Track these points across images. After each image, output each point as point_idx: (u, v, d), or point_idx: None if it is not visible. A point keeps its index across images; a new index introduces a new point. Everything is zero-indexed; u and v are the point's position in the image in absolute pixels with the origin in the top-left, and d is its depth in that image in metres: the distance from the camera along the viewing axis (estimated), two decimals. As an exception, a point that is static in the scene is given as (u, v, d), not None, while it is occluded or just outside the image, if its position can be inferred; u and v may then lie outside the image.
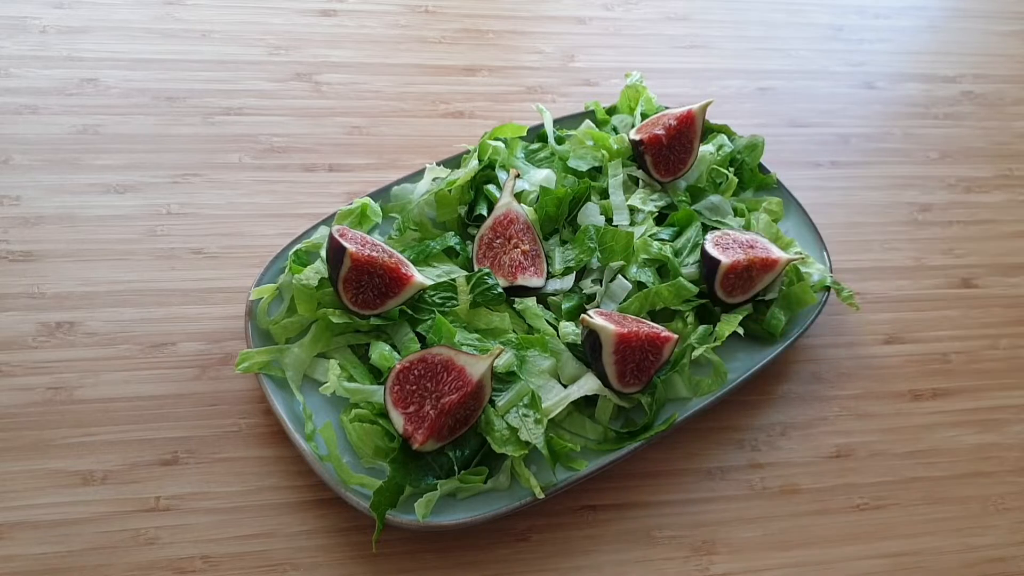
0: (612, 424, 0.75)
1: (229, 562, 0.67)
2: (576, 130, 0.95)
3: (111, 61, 1.00)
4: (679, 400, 0.78)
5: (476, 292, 0.78)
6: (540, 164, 0.92)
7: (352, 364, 0.75)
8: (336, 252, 0.75)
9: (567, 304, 0.80)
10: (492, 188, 0.86)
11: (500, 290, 0.78)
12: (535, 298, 0.79)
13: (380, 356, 0.73)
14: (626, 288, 0.81)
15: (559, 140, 0.95)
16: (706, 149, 0.94)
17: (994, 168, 1.10)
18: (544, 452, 0.69)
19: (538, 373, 0.75)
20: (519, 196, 0.86)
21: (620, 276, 0.82)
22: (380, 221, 0.85)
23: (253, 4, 1.10)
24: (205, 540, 0.68)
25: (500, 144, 0.89)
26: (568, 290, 0.81)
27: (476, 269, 0.81)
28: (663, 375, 0.77)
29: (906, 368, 0.88)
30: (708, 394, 0.78)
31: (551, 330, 0.78)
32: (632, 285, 0.82)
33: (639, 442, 0.73)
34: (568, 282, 0.81)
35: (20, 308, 0.78)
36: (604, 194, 0.89)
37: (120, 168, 0.90)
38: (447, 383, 0.69)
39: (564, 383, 0.75)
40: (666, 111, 0.94)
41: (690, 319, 0.81)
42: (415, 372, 0.71)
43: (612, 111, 1.00)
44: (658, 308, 0.81)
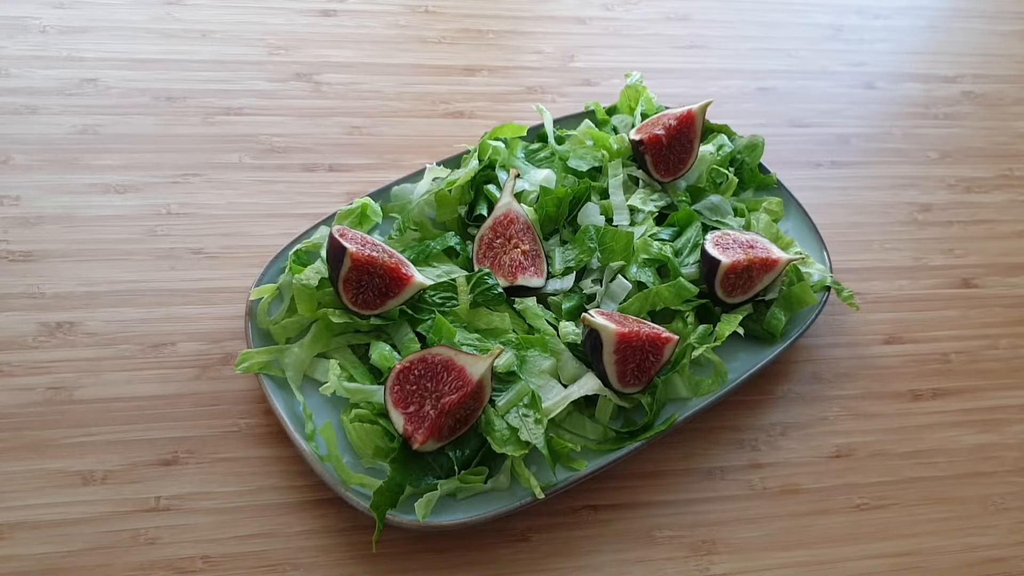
0: (612, 424, 0.75)
1: (229, 562, 0.67)
2: (576, 130, 0.95)
3: (111, 61, 1.00)
4: (679, 400, 0.78)
5: (476, 292, 0.78)
6: (540, 164, 0.92)
7: (352, 364, 0.75)
8: (336, 252, 0.75)
9: (567, 304, 0.80)
10: (492, 188, 0.86)
11: (500, 290, 0.78)
12: (535, 298, 0.80)
13: (380, 356, 0.73)
14: (626, 288, 0.81)
15: (559, 140, 0.95)
16: (706, 149, 0.94)
17: (994, 168, 1.10)
18: (544, 452, 0.69)
19: (538, 373, 0.75)
20: (519, 196, 0.86)
21: (620, 276, 0.82)
22: (380, 221, 0.85)
23: (253, 4, 1.10)
24: (205, 540, 0.68)
25: (500, 144, 0.89)
26: (568, 290, 0.81)
27: (476, 269, 0.81)
28: (663, 375, 0.77)
29: (906, 368, 0.88)
30: (708, 394, 0.78)
31: (551, 330, 0.78)
32: (632, 285, 0.82)
33: (639, 442, 0.73)
34: (568, 282, 0.81)
35: (20, 308, 0.78)
36: (604, 194, 0.89)
37: (120, 168, 0.90)
38: (447, 383, 0.69)
39: (564, 383, 0.75)
40: (666, 111, 0.94)
41: (690, 319, 0.81)
42: (415, 372, 0.71)
43: (612, 111, 1.00)
44: (658, 308, 0.81)
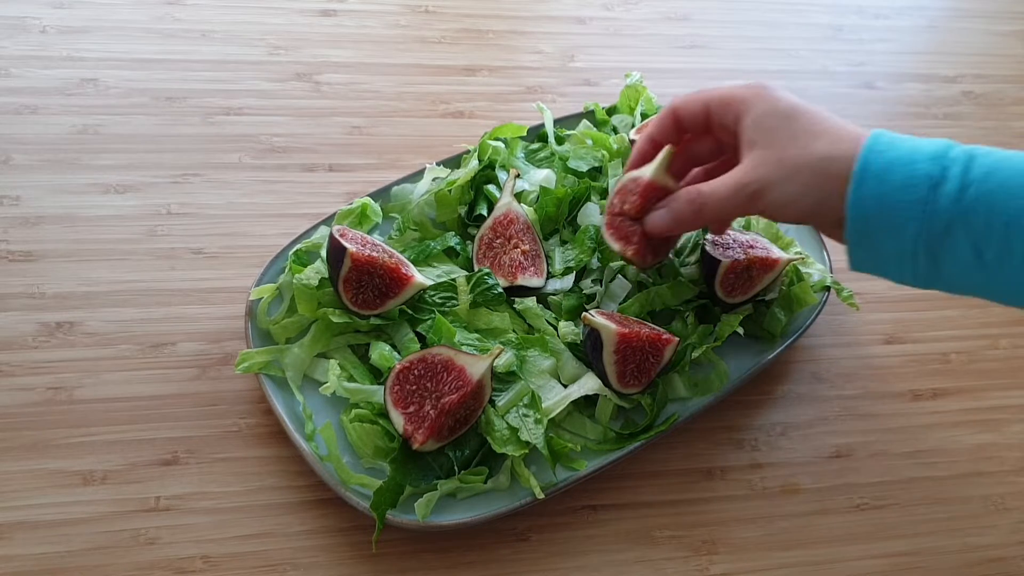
0: (612, 424, 0.75)
1: (229, 562, 0.67)
2: (575, 130, 0.95)
3: (111, 61, 1.00)
4: (679, 400, 0.78)
5: (476, 292, 0.78)
6: (540, 164, 0.92)
7: (352, 364, 0.75)
8: (336, 252, 0.75)
9: (567, 304, 0.80)
10: (492, 188, 0.86)
11: (500, 290, 0.78)
12: (535, 298, 0.80)
13: (380, 356, 0.73)
14: (626, 288, 0.82)
15: (559, 140, 0.95)
16: (706, 149, 0.94)
17: (994, 168, 1.09)
18: (544, 452, 0.69)
19: (538, 373, 0.75)
20: (519, 196, 0.86)
21: (620, 276, 0.82)
22: (380, 221, 0.85)
23: (253, 4, 1.10)
24: (205, 540, 0.68)
25: (500, 144, 0.89)
26: (568, 290, 0.81)
27: (476, 269, 0.81)
28: (663, 376, 0.77)
29: (906, 368, 0.88)
30: (708, 394, 0.78)
31: (551, 330, 0.78)
32: (632, 285, 0.82)
33: (639, 442, 0.73)
34: (568, 282, 0.81)
35: (20, 308, 0.78)
36: (604, 194, 0.89)
37: (120, 168, 0.90)
38: (447, 383, 0.69)
39: (564, 383, 0.75)
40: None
41: (690, 319, 0.81)
42: (415, 372, 0.71)
43: (612, 111, 1.00)
44: (658, 308, 0.81)
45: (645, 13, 1.22)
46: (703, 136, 0.70)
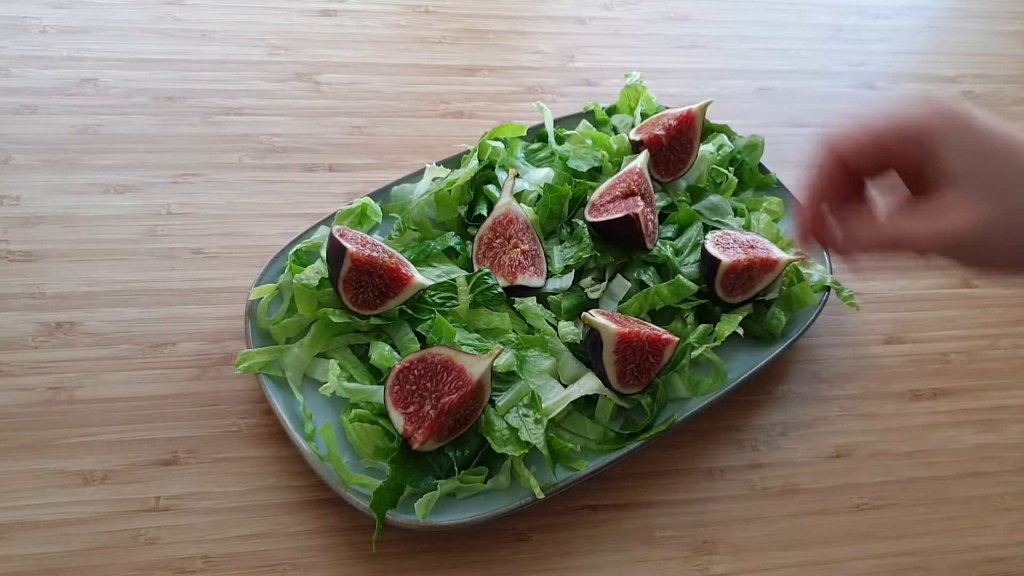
0: (612, 424, 0.75)
1: (229, 562, 0.67)
2: (575, 130, 0.95)
3: (111, 61, 1.00)
4: (679, 400, 0.78)
5: (476, 292, 0.78)
6: (540, 164, 0.92)
7: (352, 364, 0.75)
8: (336, 252, 0.75)
9: (566, 303, 0.80)
10: (492, 188, 0.86)
11: (500, 290, 0.78)
12: (535, 298, 0.80)
13: (380, 356, 0.73)
14: (626, 287, 0.82)
15: (559, 140, 0.95)
16: (706, 149, 0.94)
17: (994, 168, 1.09)
18: (544, 452, 0.69)
19: (538, 373, 0.75)
20: (519, 196, 0.86)
21: (620, 275, 0.82)
22: (380, 221, 0.85)
23: (253, 4, 1.10)
24: (205, 540, 0.68)
25: (499, 145, 0.89)
26: (567, 289, 0.81)
27: (476, 269, 0.81)
28: (663, 376, 0.77)
29: (906, 368, 0.88)
30: (708, 394, 0.78)
31: (551, 330, 0.78)
32: (632, 284, 0.82)
33: (639, 442, 0.73)
34: (567, 280, 0.81)
35: (20, 308, 0.78)
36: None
37: (120, 168, 0.90)
38: (447, 383, 0.69)
39: (564, 383, 0.75)
40: (666, 111, 0.94)
41: (690, 319, 0.81)
42: (415, 372, 0.71)
43: (612, 111, 1.00)
44: (658, 307, 0.81)
45: (645, 13, 1.22)
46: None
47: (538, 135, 0.95)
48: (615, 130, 0.96)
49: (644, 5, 1.23)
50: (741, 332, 0.79)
